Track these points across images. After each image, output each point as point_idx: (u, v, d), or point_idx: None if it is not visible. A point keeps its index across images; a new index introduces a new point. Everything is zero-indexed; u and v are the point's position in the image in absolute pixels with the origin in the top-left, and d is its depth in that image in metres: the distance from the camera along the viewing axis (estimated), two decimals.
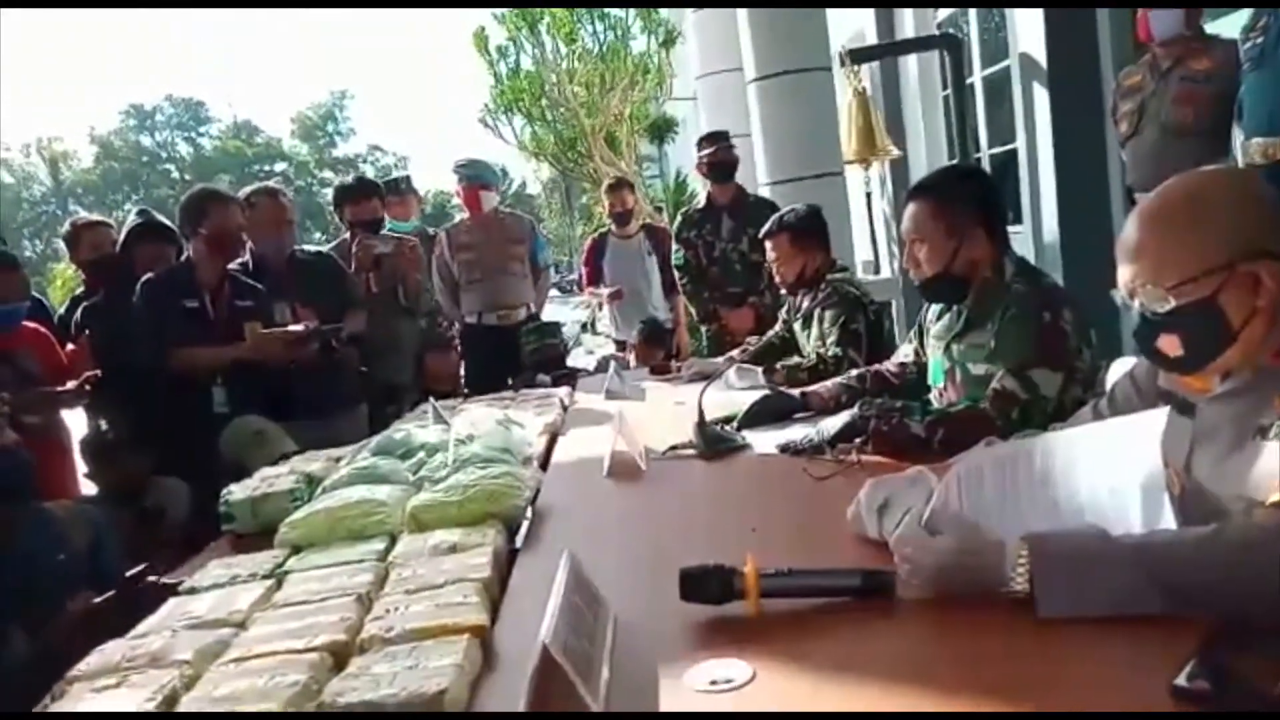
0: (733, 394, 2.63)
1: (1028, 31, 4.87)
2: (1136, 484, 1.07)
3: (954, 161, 5.50)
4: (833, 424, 1.92)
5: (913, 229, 2.01)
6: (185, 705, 0.99)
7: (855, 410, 1.90)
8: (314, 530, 1.60)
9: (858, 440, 1.84)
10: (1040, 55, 4.73)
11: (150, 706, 0.97)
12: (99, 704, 1.00)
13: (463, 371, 4.20)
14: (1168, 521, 1.05)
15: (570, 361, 4.30)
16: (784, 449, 1.95)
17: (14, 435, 1.98)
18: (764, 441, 2.05)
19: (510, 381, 3.43)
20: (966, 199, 1.99)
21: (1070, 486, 1.12)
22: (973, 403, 1.88)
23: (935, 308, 2.18)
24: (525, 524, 1.64)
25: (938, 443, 1.78)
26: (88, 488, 2.97)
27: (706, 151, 4.19)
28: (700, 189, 5.01)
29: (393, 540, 1.55)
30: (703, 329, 4.46)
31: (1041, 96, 4.78)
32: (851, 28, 7.16)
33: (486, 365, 3.99)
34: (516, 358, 3.75)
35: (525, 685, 0.92)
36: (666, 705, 0.95)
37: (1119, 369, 1.73)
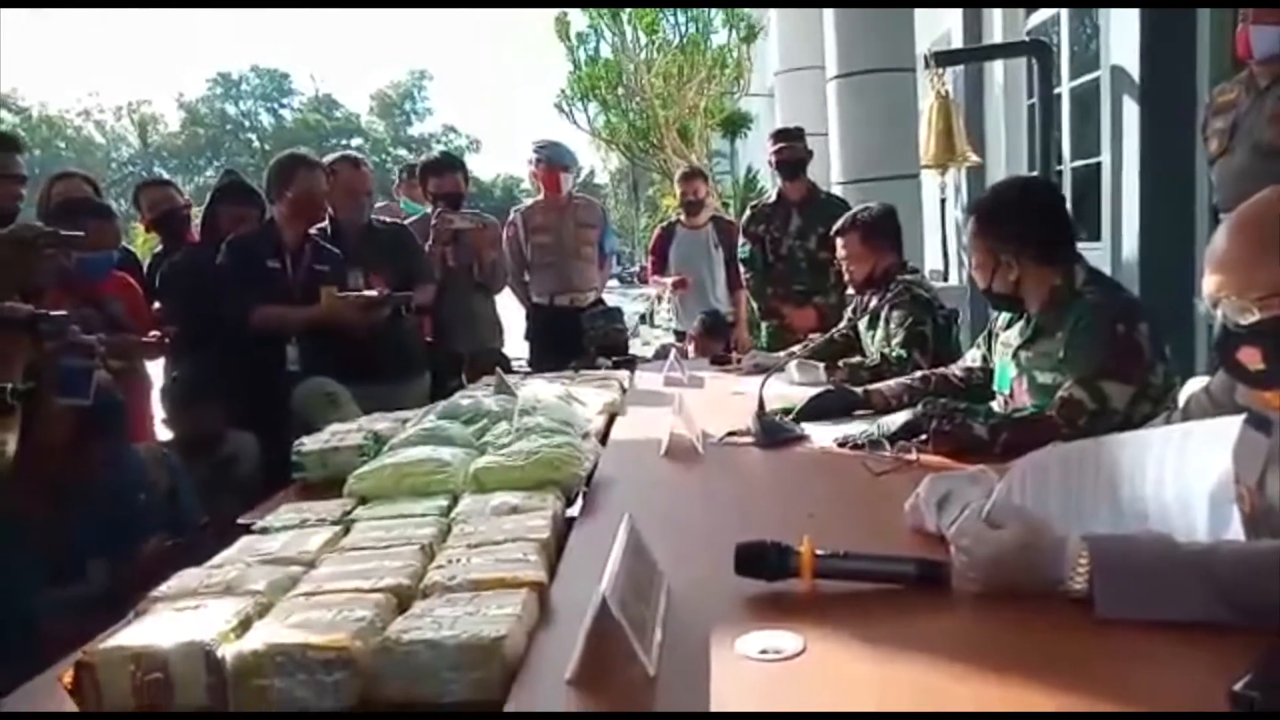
0: (793, 387, 2.63)
1: (1122, 43, 4.73)
2: (1205, 491, 1.05)
3: (1014, 175, 5.39)
4: (893, 420, 1.92)
5: (968, 242, 2.11)
6: (259, 629, 1.04)
7: (918, 408, 1.89)
8: (381, 483, 1.66)
9: (918, 438, 1.84)
10: (1134, 68, 4.59)
11: (228, 628, 1.03)
12: (181, 622, 1.06)
13: (527, 352, 4.26)
14: (1235, 533, 1.04)
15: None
16: (843, 443, 1.96)
17: (109, 375, 2.07)
18: (822, 435, 2.06)
19: (572, 363, 3.47)
20: (1009, 222, 2.00)
21: (1136, 489, 1.11)
22: (1039, 409, 1.86)
23: (1006, 314, 2.16)
24: (582, 494, 1.68)
25: (1000, 446, 1.77)
26: (161, 434, 3.09)
27: (777, 148, 4.18)
28: (770, 186, 4.99)
29: (455, 499, 1.60)
30: (763, 325, 4.45)
31: (1131, 111, 4.65)
32: (938, 29, 7.04)
33: (551, 346, 4.05)
34: (579, 340, 3.79)
35: (581, 637, 0.96)
36: (717, 671, 0.97)
37: (1192, 387, 1.70)
